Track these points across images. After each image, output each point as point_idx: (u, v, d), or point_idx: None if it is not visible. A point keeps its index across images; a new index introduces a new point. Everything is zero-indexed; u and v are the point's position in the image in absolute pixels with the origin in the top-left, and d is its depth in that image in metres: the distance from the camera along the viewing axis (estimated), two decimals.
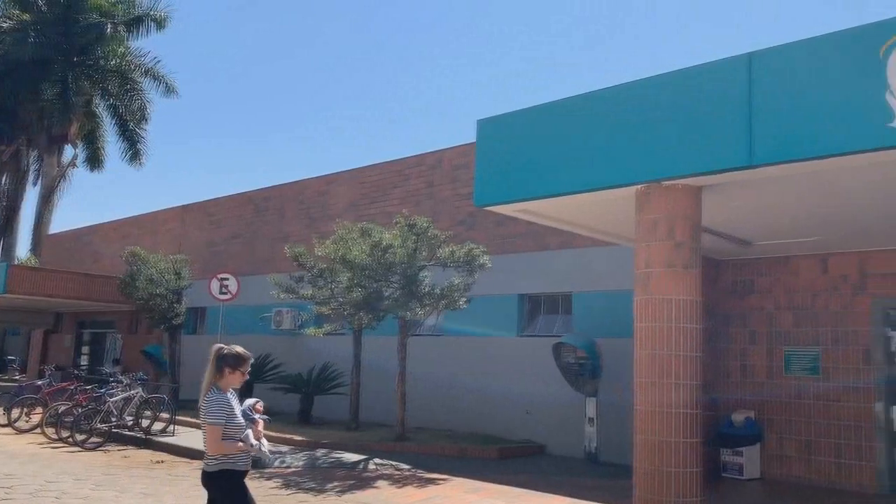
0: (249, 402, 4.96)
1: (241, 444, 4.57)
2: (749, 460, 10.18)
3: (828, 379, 10.03)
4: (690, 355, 6.37)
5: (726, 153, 6.10)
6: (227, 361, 4.66)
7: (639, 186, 6.78)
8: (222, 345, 4.78)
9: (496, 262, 12.75)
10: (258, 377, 16.44)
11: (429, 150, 15.91)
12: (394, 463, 10.84)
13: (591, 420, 11.49)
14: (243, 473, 4.71)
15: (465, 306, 12.33)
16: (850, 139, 5.51)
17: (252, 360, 4.86)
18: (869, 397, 9.66)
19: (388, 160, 16.71)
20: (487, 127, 7.87)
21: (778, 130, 5.84)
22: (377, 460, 11.03)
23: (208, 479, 4.61)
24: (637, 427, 6.50)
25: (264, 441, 4.82)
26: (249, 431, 4.68)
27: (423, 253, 12.03)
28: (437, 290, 12.03)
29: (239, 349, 4.77)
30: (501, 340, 13.52)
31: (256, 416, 4.92)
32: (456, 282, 12.09)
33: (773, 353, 10.59)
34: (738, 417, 10.36)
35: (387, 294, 12.19)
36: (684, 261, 6.50)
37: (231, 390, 4.72)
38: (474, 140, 8.04)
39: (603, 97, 6.97)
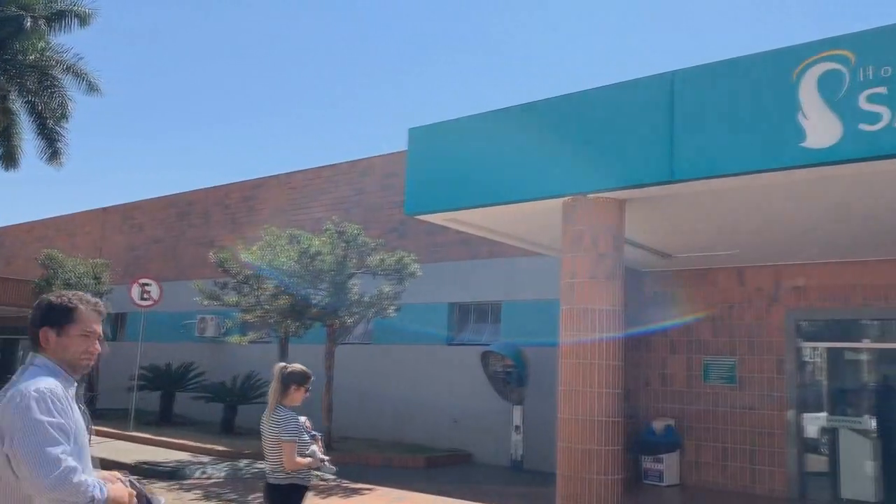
0: (301, 419, 4.96)
1: (310, 459, 4.72)
2: (668, 467, 10.46)
3: (743, 388, 10.40)
4: (612, 364, 6.51)
5: (649, 168, 6.28)
6: (294, 379, 4.79)
7: (566, 199, 6.91)
8: (285, 363, 4.88)
9: (427, 271, 12.75)
10: (179, 386, 15.98)
11: (360, 157, 15.83)
12: (318, 473, 10.68)
13: (517, 428, 11.60)
14: (307, 488, 4.85)
15: (394, 314, 12.29)
16: (765, 157, 5.75)
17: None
18: (782, 405, 10.06)
19: (319, 165, 16.54)
20: (419, 135, 7.89)
21: (698, 147, 6.05)
22: None
23: (278, 492, 4.70)
24: (560, 435, 6.59)
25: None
26: (315, 447, 4.85)
27: (353, 260, 11.94)
28: (367, 298, 11.95)
29: (302, 367, 4.90)
30: (431, 349, 13.52)
31: (313, 432, 5.03)
32: (386, 290, 12.04)
33: (692, 362, 10.92)
34: (659, 425, 10.64)
35: (315, 302, 12.03)
36: (607, 272, 6.65)
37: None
38: (406, 148, 8.05)
39: (532, 111, 7.09)
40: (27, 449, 2.28)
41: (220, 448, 12.37)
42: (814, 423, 10.29)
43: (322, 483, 9.80)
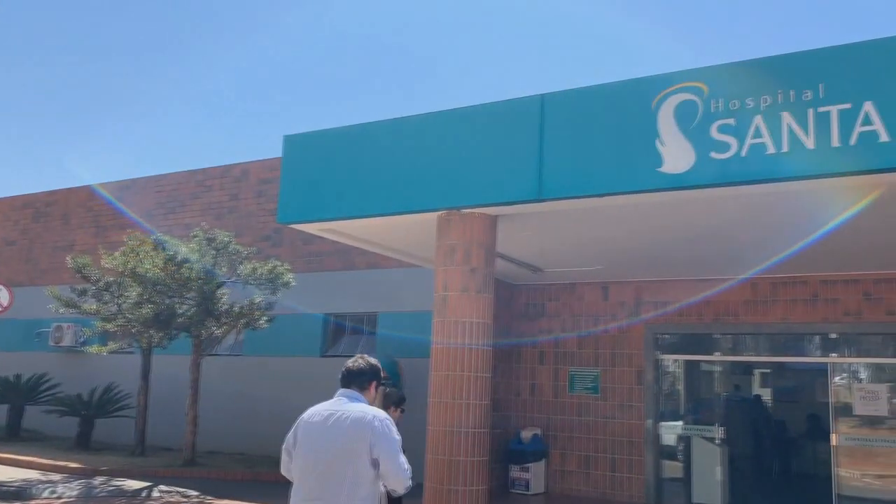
0: None
1: None
2: (535, 476, 10.75)
3: (606, 398, 10.86)
4: (481, 376, 6.63)
5: (519, 186, 6.47)
6: (391, 400, 5.26)
7: (440, 213, 7.00)
8: (384, 385, 4.74)
9: (302, 281, 12.53)
10: (30, 399, 14.88)
11: (235, 162, 15.39)
12: (181, 490, 10.24)
13: None
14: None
15: (266, 325, 11.99)
16: (627, 180, 6.06)
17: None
18: (640, 415, 10.57)
19: (190, 169, 15.92)
20: (294, 143, 7.77)
21: (565, 168, 6.29)
22: (162, 487, 10.37)
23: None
24: (428, 447, 6.64)
25: None
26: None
27: (223, 269, 11.57)
28: (237, 309, 11.60)
29: (399, 391, 5.45)
30: (304, 361, 13.26)
31: None
32: (257, 300, 11.73)
33: (559, 373, 11.30)
34: (527, 434, 10.92)
35: (181, 311, 11.56)
36: (478, 285, 6.78)
37: None
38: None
39: (408, 125, 7.14)
40: None
41: (74, 465, 11.61)
42: (670, 432, 10.88)
43: (183, 500, 9.40)
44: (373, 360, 3.65)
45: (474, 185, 6.69)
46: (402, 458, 3.37)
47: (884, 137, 5.09)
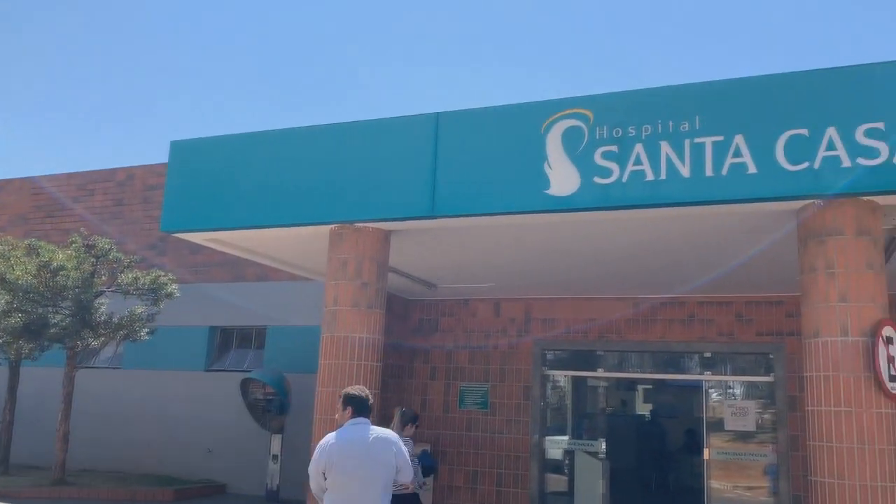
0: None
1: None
2: (422, 492, 10.72)
3: (494, 413, 11.02)
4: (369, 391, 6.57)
5: (412, 202, 6.49)
6: (408, 418, 7.09)
7: (332, 226, 6.93)
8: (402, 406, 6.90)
9: (188, 292, 12.10)
10: None
11: (120, 166, 14.72)
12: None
13: (274, 457, 11.29)
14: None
15: (147, 337, 11.48)
16: (516, 200, 6.19)
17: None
18: (527, 429, 10.78)
19: (71, 171, 15.10)
20: (182, 149, 7.52)
21: (458, 186, 6.37)
22: None
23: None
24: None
25: None
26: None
27: (103, 277, 11.01)
28: (116, 319, 11.05)
29: (413, 409, 7.28)
30: (188, 375, 12.78)
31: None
32: (138, 311, 11.22)
33: (450, 388, 11.38)
34: (416, 451, 10.89)
35: (54, 321, 10.90)
36: (369, 300, 6.74)
37: None
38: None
39: (302, 135, 7.05)
40: None
41: None
42: (556, 447, 11.14)
43: None
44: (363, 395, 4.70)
45: (368, 200, 6.66)
46: (411, 468, 4.75)
47: (752, 169, 5.43)
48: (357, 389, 4.70)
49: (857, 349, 5.12)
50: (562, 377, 11.70)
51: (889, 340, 5.15)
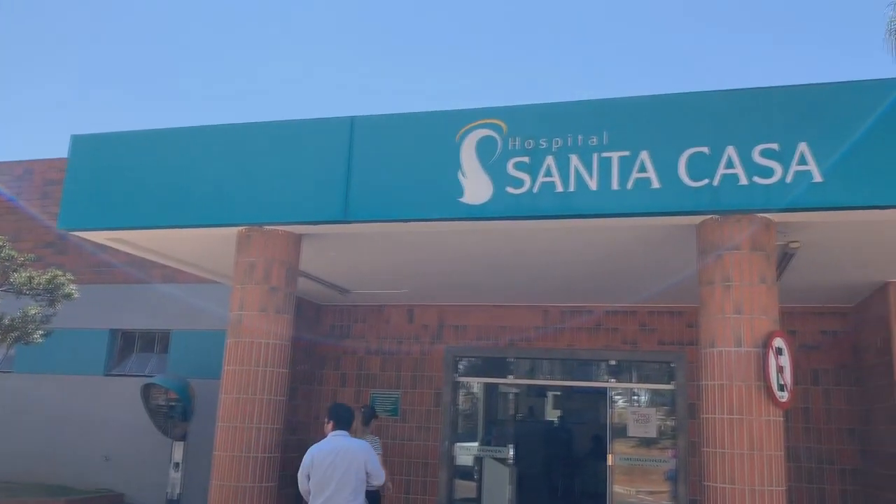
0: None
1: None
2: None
3: (405, 420, 10.99)
4: (275, 399, 6.45)
5: (325, 206, 6.42)
6: (368, 416, 7.65)
7: (240, 228, 6.77)
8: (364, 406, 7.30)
9: (88, 293, 11.54)
10: None
11: (18, 159, 13.95)
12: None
13: (176, 465, 10.91)
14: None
15: (41, 340, 10.88)
16: (430, 208, 6.21)
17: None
18: (437, 436, 10.80)
19: None
20: (82, 144, 7.21)
21: (372, 191, 6.34)
22: None
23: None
24: (214, 473, 6.34)
25: None
26: None
27: None
28: (7, 321, 10.43)
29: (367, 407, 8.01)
30: (86, 380, 12.20)
31: None
32: (32, 312, 10.63)
33: (361, 395, 11.28)
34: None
35: None
36: (277, 305, 6.61)
37: None
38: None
39: (210, 134, 6.87)
40: None
41: None
42: (466, 453, 11.20)
43: None
44: (350, 408, 6.01)
45: (279, 202, 6.54)
46: (382, 471, 5.69)
47: (656, 184, 5.62)
48: (340, 407, 5.88)
49: (750, 359, 5.37)
50: (473, 384, 11.80)
51: (779, 351, 5.42)
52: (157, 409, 11.11)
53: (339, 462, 5.39)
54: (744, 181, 5.46)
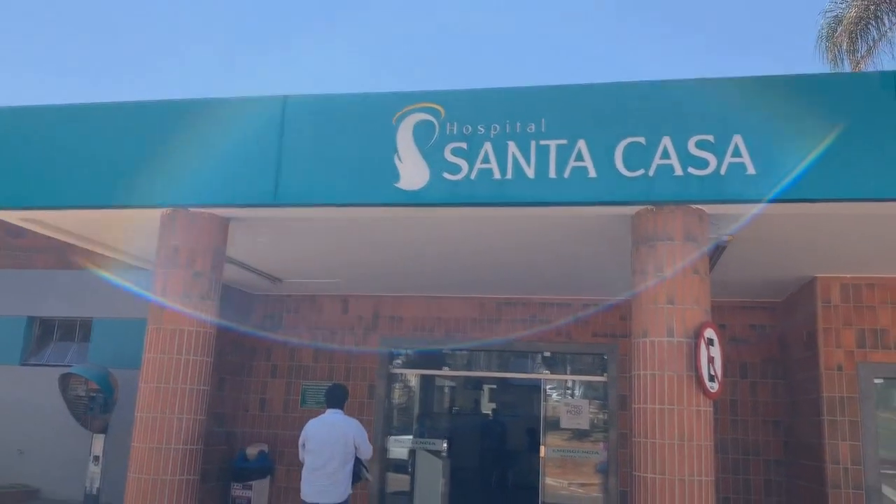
0: None
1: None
2: (258, 494, 10.32)
3: None
4: (197, 388, 6.18)
5: (254, 189, 6.17)
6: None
7: (164, 210, 6.46)
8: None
9: (4, 278, 10.99)
10: None
11: None
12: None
13: (96, 459, 10.44)
14: None
15: None
16: (364, 192, 6.02)
17: None
18: (370, 428, 10.57)
19: None
20: None
21: (303, 174, 6.12)
22: None
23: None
24: (132, 465, 6.04)
25: None
26: None
27: None
28: None
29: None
30: (1, 369, 11.58)
31: None
32: None
33: (292, 386, 11.02)
34: (252, 451, 10.47)
35: None
36: (202, 292, 6.33)
37: None
38: None
39: (133, 110, 6.54)
40: None
41: None
42: (399, 446, 11.05)
43: None
44: (344, 388, 6.82)
45: (205, 184, 6.26)
46: (370, 446, 6.40)
47: (592, 173, 5.58)
48: (334, 387, 6.76)
49: (682, 349, 5.38)
50: (408, 376, 11.66)
51: (710, 342, 5.45)
52: (77, 400, 10.60)
53: (330, 435, 6.20)
54: (679, 172, 5.46)
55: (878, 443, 7.82)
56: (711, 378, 5.40)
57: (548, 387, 10.71)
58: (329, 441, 6.18)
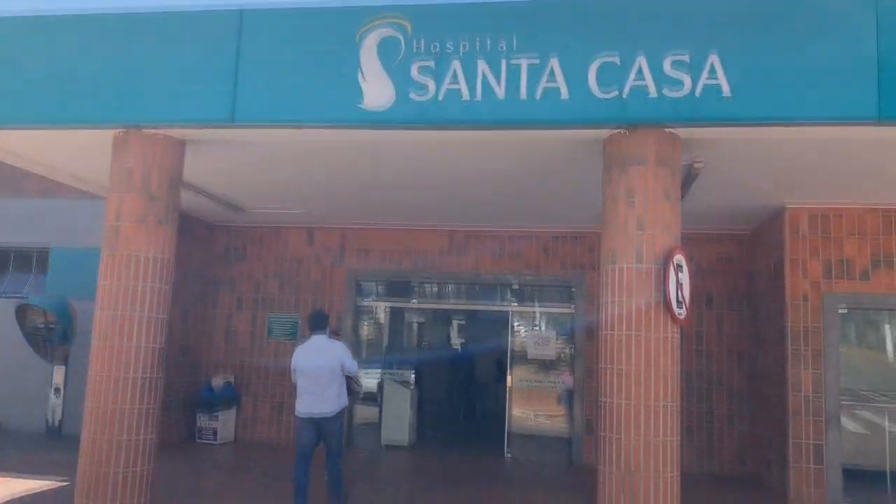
0: None
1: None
2: (224, 424, 10.27)
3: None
4: (156, 317, 5.98)
5: (209, 107, 5.86)
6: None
7: (116, 130, 6.14)
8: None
9: None
10: None
11: None
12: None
13: (56, 390, 10.29)
14: None
15: None
16: (325, 112, 5.74)
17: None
18: None
19: None
20: None
21: (262, 92, 5.81)
22: None
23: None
24: (89, 395, 5.86)
25: None
26: None
27: None
28: None
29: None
30: None
31: None
32: None
33: (257, 319, 10.88)
34: (218, 382, 10.38)
35: None
36: (158, 216, 6.07)
37: None
38: None
39: (81, 22, 6.15)
40: None
41: None
42: (367, 378, 11.02)
43: None
44: (325, 313, 7.14)
45: (157, 102, 5.92)
46: (354, 363, 6.86)
47: (564, 94, 5.36)
48: (315, 313, 7.11)
49: (650, 276, 5.29)
50: (376, 308, 11.57)
51: (679, 268, 5.36)
52: (35, 331, 10.39)
53: (318, 358, 6.65)
54: (653, 93, 5.26)
55: (840, 372, 7.93)
56: (679, 304, 5.34)
57: (515, 320, 10.69)
58: (318, 363, 6.62)
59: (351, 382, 6.98)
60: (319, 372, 6.57)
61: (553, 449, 10.21)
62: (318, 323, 6.94)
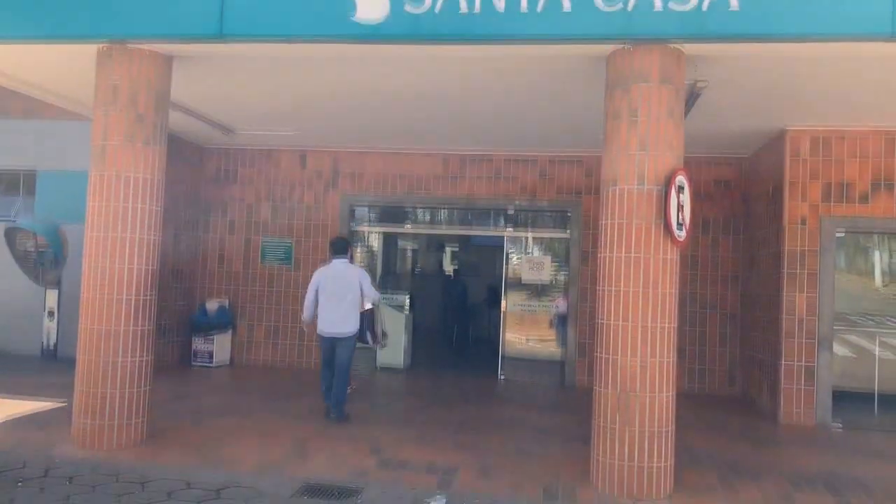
0: None
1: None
2: (220, 347, 10.32)
3: (298, 269, 10.65)
4: (147, 238, 5.89)
5: (197, 21, 5.65)
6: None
7: (100, 45, 5.91)
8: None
9: None
10: None
11: None
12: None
13: (50, 313, 10.27)
14: None
15: None
16: (317, 24, 5.53)
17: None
18: None
19: None
20: None
21: (250, 5, 5.58)
22: None
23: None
24: (82, 316, 5.84)
25: None
26: None
27: None
28: None
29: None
30: None
31: None
32: None
33: (251, 243, 10.80)
34: (212, 305, 10.37)
35: None
36: (146, 135, 5.91)
37: None
38: None
39: None
40: None
41: None
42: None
43: None
44: (346, 239, 7.85)
45: (143, 15, 5.68)
46: (373, 288, 7.25)
47: (567, 7, 5.15)
48: (336, 239, 7.60)
49: (652, 197, 5.20)
50: (369, 233, 11.50)
51: (680, 189, 5.27)
52: (26, 255, 10.28)
53: (341, 280, 7.07)
54: (658, 7, 5.06)
55: (835, 295, 7.96)
56: (680, 226, 5.27)
57: (510, 246, 10.64)
58: (340, 285, 7.05)
59: (376, 328, 7.41)
60: (342, 293, 7.01)
61: (546, 371, 10.32)
62: (340, 248, 7.30)
